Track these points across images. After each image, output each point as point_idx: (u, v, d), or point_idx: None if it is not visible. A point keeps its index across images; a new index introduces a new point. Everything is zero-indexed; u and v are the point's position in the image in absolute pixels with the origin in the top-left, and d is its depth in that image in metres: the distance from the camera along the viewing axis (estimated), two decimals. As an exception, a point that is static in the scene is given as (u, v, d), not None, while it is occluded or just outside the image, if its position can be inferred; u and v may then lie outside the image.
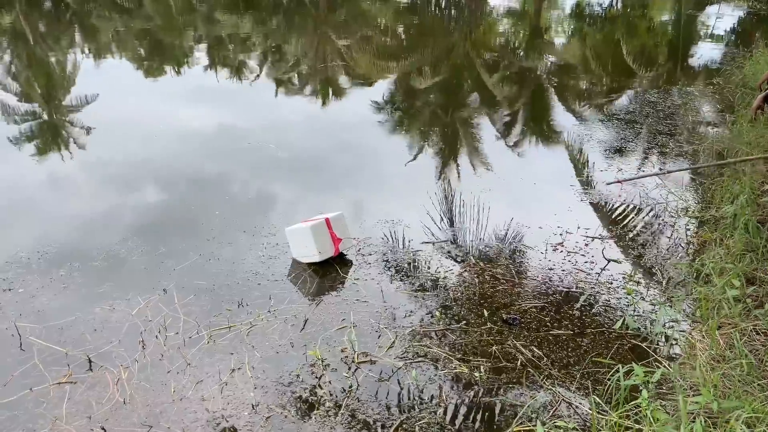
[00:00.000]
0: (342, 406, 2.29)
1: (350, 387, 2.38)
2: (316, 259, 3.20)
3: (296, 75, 7.99)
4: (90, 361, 2.48)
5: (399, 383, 2.41)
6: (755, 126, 4.65)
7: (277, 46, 9.64)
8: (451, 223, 3.79)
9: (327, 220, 3.28)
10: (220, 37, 9.87)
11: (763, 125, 4.63)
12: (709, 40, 10.93)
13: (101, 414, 2.23)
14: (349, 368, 2.49)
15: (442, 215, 3.88)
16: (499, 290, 3.08)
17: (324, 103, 6.65)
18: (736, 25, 12.40)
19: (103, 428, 2.17)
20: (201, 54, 8.89)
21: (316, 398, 2.33)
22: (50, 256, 3.26)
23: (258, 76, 7.77)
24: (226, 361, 2.50)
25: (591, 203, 4.12)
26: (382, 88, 7.36)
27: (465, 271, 3.26)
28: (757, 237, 3.12)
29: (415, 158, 5.00)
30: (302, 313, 2.84)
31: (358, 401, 2.32)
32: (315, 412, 2.26)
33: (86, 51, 8.86)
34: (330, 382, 2.41)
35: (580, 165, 4.83)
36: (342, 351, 2.58)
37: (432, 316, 2.85)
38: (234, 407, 2.27)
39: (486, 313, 2.87)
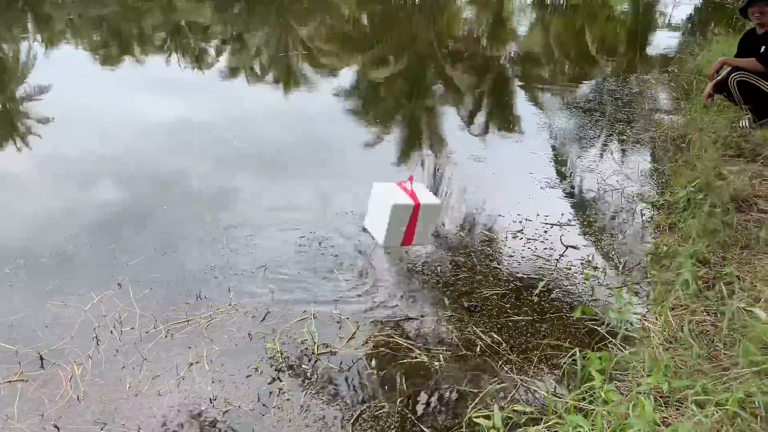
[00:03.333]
0: (301, 398, 2.27)
1: (309, 379, 2.37)
2: (378, 241, 2.76)
3: (258, 64, 7.88)
4: (42, 359, 2.41)
5: (359, 373, 2.40)
6: (707, 113, 4.78)
7: (238, 34, 9.48)
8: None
9: (417, 207, 2.65)
10: (180, 25, 9.66)
11: (714, 112, 4.75)
12: (667, 28, 11.16)
13: (54, 412, 2.17)
14: (309, 360, 2.47)
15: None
16: (461, 278, 3.10)
17: (286, 93, 6.58)
18: (692, 14, 12.69)
19: (56, 426, 2.12)
20: (160, 42, 8.69)
21: (274, 391, 2.31)
22: (-10, 254, 3.13)
23: (218, 65, 7.63)
24: (183, 355, 2.46)
25: (550, 190, 4.17)
26: (345, 76, 7.31)
27: (427, 259, 3.27)
28: (709, 222, 3.20)
29: (374, 147, 4.99)
30: (263, 306, 2.81)
31: (318, 393, 2.31)
32: (273, 404, 2.24)
33: (39, 40, 8.57)
34: (289, 375, 2.38)
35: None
36: (302, 343, 2.56)
37: (393, 306, 2.85)
38: (191, 402, 2.23)
39: (447, 301, 2.89)
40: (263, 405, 2.24)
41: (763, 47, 4.57)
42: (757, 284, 2.62)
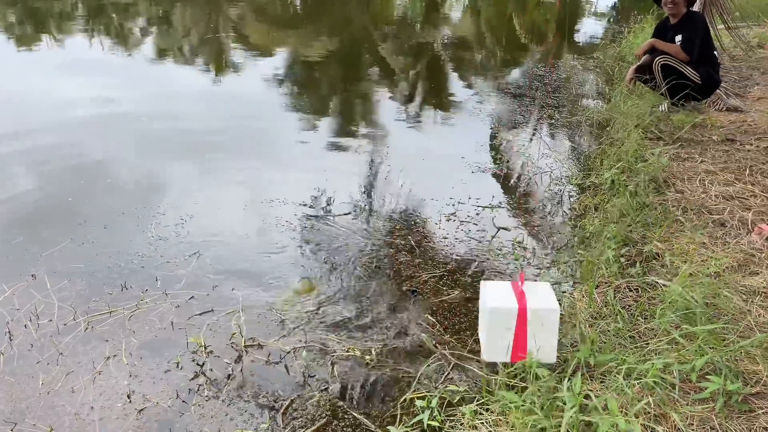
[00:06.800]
0: (224, 393, 2.18)
1: (234, 373, 2.28)
2: (483, 355, 2.20)
3: (186, 46, 7.59)
4: (-54, 357, 2.24)
5: (288, 366, 2.32)
6: (630, 97, 4.96)
7: (164, 14, 9.10)
8: (347, 199, 3.74)
9: (522, 311, 2.16)
10: (102, 3, 9.17)
11: (636, 97, 4.94)
12: (593, 16, 11.52)
13: (-40, 413, 2.02)
14: (235, 354, 2.37)
15: (336, 191, 3.83)
16: (402, 262, 3.07)
17: (216, 76, 6.37)
18: (616, 2, 13.14)
19: (-39, 429, 1.97)
20: (81, 21, 8.23)
21: (194, 387, 2.21)
22: None
23: (143, 46, 7.30)
24: (101, 349, 2.33)
25: (482, 174, 4.22)
26: (276, 59, 7.15)
27: (363, 246, 3.23)
28: (631, 202, 3.32)
29: (306, 131, 4.91)
30: (191, 297, 2.69)
31: (244, 386, 2.22)
32: (194, 400, 2.14)
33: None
34: (212, 369, 2.28)
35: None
36: (230, 337, 2.45)
37: (327, 296, 2.79)
38: (106, 398, 2.11)
39: (385, 287, 2.86)
40: (183, 401, 2.13)
41: (678, 37, 4.77)
42: (674, 260, 2.74)
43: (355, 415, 2.11)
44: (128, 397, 2.12)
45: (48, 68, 6.17)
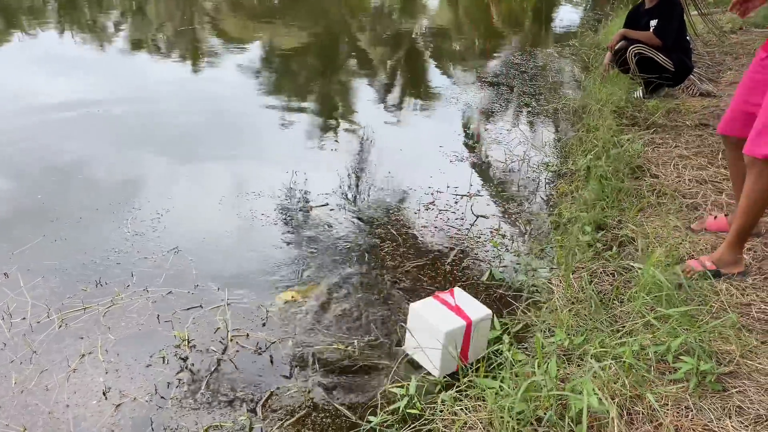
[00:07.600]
0: (203, 386, 2.16)
1: (216, 367, 2.26)
2: (432, 372, 2.27)
3: (160, 37, 7.48)
4: None
5: (271, 359, 2.31)
6: (605, 84, 4.99)
7: (138, 6, 8.95)
8: (325, 191, 3.73)
9: (469, 325, 2.24)
10: (71, -3, 9.00)
11: (611, 84, 4.98)
12: (570, 4, 11.57)
13: (-70, 416, 1.98)
14: (224, 347, 2.35)
15: (314, 183, 3.81)
16: (383, 253, 3.07)
17: (193, 68, 6.28)
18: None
19: (-68, 432, 1.93)
20: (52, 14, 8.06)
21: (175, 380, 2.18)
22: None
23: (116, 39, 7.18)
24: (76, 346, 2.30)
25: (459, 163, 4.22)
26: (253, 51, 7.08)
27: (342, 237, 3.22)
28: (607, 187, 3.35)
29: (285, 124, 4.87)
30: (172, 291, 2.66)
31: (222, 380, 2.20)
32: (173, 394, 2.12)
33: None
34: (194, 364, 2.26)
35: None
36: (215, 331, 2.43)
37: (308, 289, 2.78)
38: (81, 396, 2.08)
39: (366, 279, 2.85)
40: (161, 396, 2.11)
41: (654, 21, 4.81)
42: (648, 244, 2.77)
43: (336, 405, 2.11)
44: (104, 394, 2.09)
45: (17, 62, 6.04)
